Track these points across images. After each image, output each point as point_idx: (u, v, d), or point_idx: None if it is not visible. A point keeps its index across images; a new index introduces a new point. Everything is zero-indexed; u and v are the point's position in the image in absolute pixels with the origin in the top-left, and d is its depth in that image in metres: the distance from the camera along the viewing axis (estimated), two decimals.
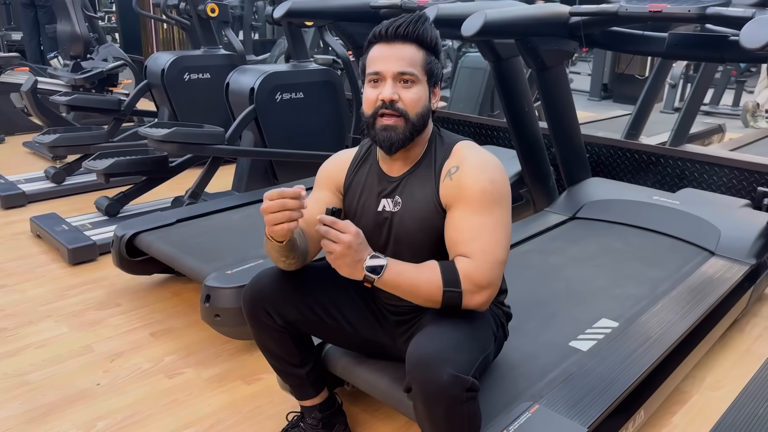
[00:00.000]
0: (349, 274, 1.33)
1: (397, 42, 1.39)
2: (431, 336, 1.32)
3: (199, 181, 3.42)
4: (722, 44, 2.47)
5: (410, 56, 1.39)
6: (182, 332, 2.41)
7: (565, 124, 2.91)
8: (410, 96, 1.40)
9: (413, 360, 1.28)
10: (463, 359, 1.29)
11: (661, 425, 1.92)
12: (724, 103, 7.01)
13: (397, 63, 1.38)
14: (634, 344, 1.85)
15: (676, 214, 2.71)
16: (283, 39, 7.27)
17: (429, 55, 1.42)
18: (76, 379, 2.10)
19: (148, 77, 4.33)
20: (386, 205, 1.51)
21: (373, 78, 1.42)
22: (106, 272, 2.88)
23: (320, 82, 3.74)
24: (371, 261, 1.33)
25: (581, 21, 2.52)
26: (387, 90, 1.39)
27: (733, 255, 2.45)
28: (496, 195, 1.40)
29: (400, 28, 1.39)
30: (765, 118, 5.93)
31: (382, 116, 1.41)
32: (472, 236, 1.37)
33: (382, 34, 1.41)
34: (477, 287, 1.36)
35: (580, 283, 2.25)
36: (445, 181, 1.44)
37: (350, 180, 1.58)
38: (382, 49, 1.40)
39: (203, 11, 4.26)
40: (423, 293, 1.37)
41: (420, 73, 1.41)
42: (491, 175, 1.40)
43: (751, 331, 2.46)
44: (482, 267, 1.36)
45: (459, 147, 1.48)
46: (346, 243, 1.28)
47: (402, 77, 1.39)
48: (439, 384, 1.23)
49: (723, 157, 3.20)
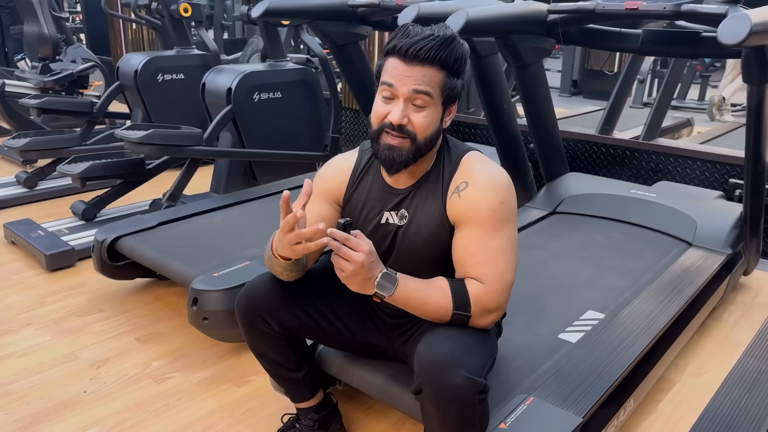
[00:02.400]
0: (359, 290, 1.30)
1: (415, 63, 1.31)
2: (443, 339, 1.32)
3: (177, 183, 3.38)
4: (694, 40, 2.53)
5: (428, 78, 1.32)
6: (168, 336, 2.38)
7: (543, 120, 2.95)
8: (420, 120, 1.34)
9: (426, 363, 1.27)
10: (475, 362, 1.30)
11: (648, 413, 1.96)
12: (690, 97, 7.17)
13: (412, 82, 1.31)
14: (621, 335, 1.89)
15: (653, 206, 2.77)
16: (256, 38, 7.22)
17: (449, 77, 1.34)
18: (61, 388, 2.06)
19: (120, 78, 4.25)
20: (390, 218, 1.48)
21: (385, 90, 1.35)
22: (86, 278, 2.83)
23: (298, 81, 3.72)
24: (383, 280, 1.30)
25: (559, 18, 2.56)
26: (396, 113, 1.33)
27: (710, 245, 2.52)
28: (507, 214, 1.38)
29: (421, 52, 1.30)
30: (730, 112, 6.07)
31: (387, 134, 1.36)
32: (485, 260, 1.36)
33: (401, 51, 1.31)
34: (486, 312, 1.37)
35: (565, 276, 2.29)
36: (453, 197, 1.41)
37: (351, 192, 1.53)
38: (400, 66, 1.32)
39: (176, 11, 4.21)
40: (431, 313, 1.36)
41: (436, 95, 1.34)
42: (501, 195, 1.38)
43: (727, 319, 2.53)
44: (494, 293, 1.36)
45: (467, 160, 1.45)
46: (359, 263, 1.25)
47: (416, 98, 1.33)
48: (453, 386, 1.23)
49: (695, 151, 3.28)
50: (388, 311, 1.60)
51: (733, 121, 5.85)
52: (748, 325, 2.48)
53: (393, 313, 1.59)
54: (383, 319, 1.62)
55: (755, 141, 2.27)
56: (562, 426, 1.46)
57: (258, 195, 3.16)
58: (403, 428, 1.89)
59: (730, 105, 6.10)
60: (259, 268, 2.27)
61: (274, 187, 3.29)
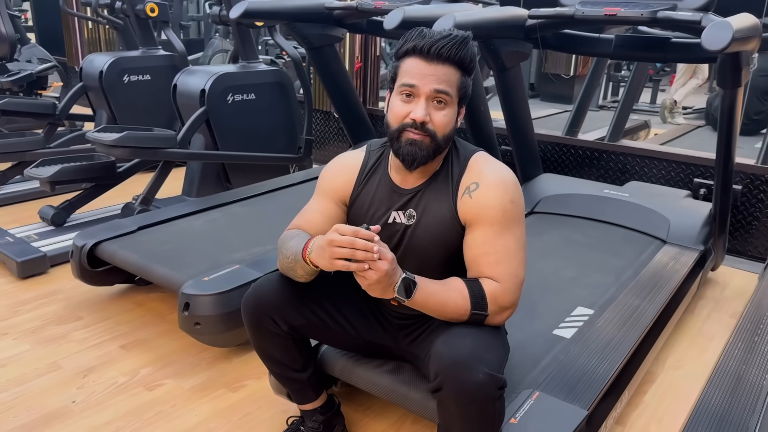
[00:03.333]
0: (379, 296, 1.31)
1: (436, 61, 1.35)
2: (462, 337, 1.34)
3: (150, 186, 3.31)
4: (665, 45, 2.64)
5: (448, 77, 1.36)
6: (154, 343, 2.33)
7: (521, 123, 3.02)
8: (441, 118, 1.37)
9: (448, 360, 1.29)
10: (494, 358, 1.33)
11: (636, 404, 2.03)
12: (643, 100, 7.43)
13: (435, 82, 1.35)
14: (612, 330, 1.96)
15: (627, 206, 2.87)
16: (216, 39, 7.12)
17: (465, 77, 1.39)
18: (48, 398, 2.00)
19: (84, 80, 4.13)
20: (397, 218, 1.49)
21: (406, 91, 1.37)
22: (60, 285, 2.74)
23: (271, 83, 3.69)
24: (403, 284, 1.31)
25: (537, 23, 2.62)
26: (419, 110, 1.36)
27: (684, 242, 2.63)
28: (517, 214, 1.42)
29: (443, 50, 1.34)
30: (681, 115, 6.33)
31: (408, 131, 1.38)
32: (499, 259, 1.39)
33: (423, 50, 1.35)
34: (502, 309, 1.40)
35: (551, 274, 2.35)
36: (464, 198, 1.43)
37: (358, 192, 1.54)
38: (421, 65, 1.35)
39: (142, 11, 4.11)
40: (450, 313, 1.39)
41: (454, 94, 1.38)
42: (511, 195, 1.41)
43: (700, 313, 2.65)
44: (508, 291, 1.40)
45: (475, 160, 1.47)
46: (384, 271, 1.25)
47: (437, 96, 1.36)
48: (476, 383, 1.26)
49: (661, 152, 3.41)
50: (394, 312, 1.61)
51: (685, 123, 6.10)
52: (718, 318, 2.60)
53: (399, 314, 1.61)
54: (389, 319, 1.63)
55: (726, 142, 2.38)
56: (569, 419, 1.51)
57: (236, 198, 3.12)
58: (403, 428, 1.91)
59: (681, 108, 6.36)
60: (248, 272, 2.25)
61: (252, 190, 3.26)
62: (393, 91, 1.41)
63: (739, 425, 1.53)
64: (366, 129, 3.83)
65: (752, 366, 1.78)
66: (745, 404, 1.61)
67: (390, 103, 1.42)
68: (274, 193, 3.27)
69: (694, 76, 6.41)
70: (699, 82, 6.46)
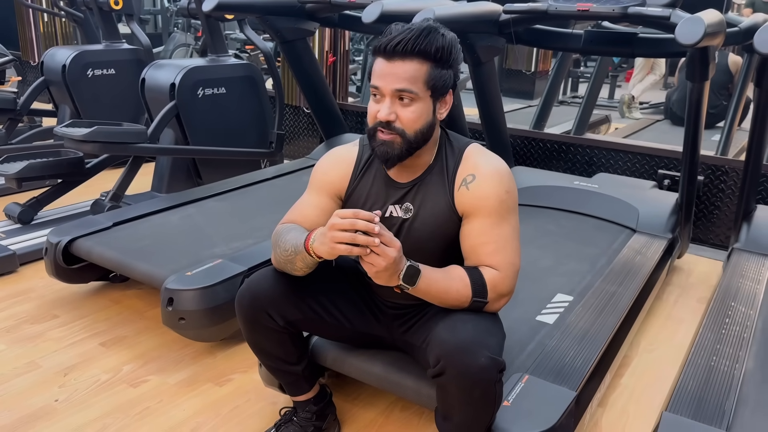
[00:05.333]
0: (385, 283, 1.33)
1: (396, 59, 1.33)
2: (463, 323, 1.37)
3: (121, 182, 3.25)
4: (632, 40, 2.73)
5: (410, 73, 1.34)
6: (134, 340, 2.30)
7: (494, 116, 3.08)
8: (408, 115, 1.37)
9: (450, 346, 1.32)
10: (495, 342, 1.37)
11: (614, 386, 2.11)
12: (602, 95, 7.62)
13: (395, 81, 1.34)
14: (591, 315, 2.02)
15: (597, 197, 2.96)
16: (177, 33, 7.01)
17: (435, 67, 1.36)
18: (29, 398, 1.95)
19: (45, 74, 4.02)
20: (394, 212, 1.51)
21: (374, 92, 1.38)
22: (32, 283, 2.67)
23: (242, 77, 3.66)
24: (408, 272, 1.33)
25: (511, 18, 2.68)
26: (383, 110, 1.36)
27: (653, 231, 2.73)
28: (512, 203, 1.45)
29: (399, 46, 1.32)
30: (639, 109, 6.52)
31: (380, 131, 1.39)
32: (497, 248, 1.42)
33: (382, 49, 1.34)
34: (500, 296, 1.44)
35: (530, 263, 2.40)
36: (461, 189, 1.45)
37: (354, 186, 1.55)
38: (382, 65, 1.35)
39: (106, 3, 4.02)
40: (451, 301, 1.41)
41: (421, 89, 1.35)
42: (507, 186, 1.44)
43: (668, 299, 2.75)
44: (507, 278, 1.43)
45: (470, 152, 1.49)
46: (392, 258, 1.26)
47: (400, 94, 1.35)
48: (479, 367, 1.29)
49: (627, 144, 3.53)
50: (389, 303, 1.64)
51: (643, 117, 6.29)
52: (686, 303, 2.71)
53: (394, 304, 1.63)
54: (384, 309, 1.65)
55: (693, 134, 2.48)
56: (560, 400, 1.56)
57: (210, 193, 3.09)
58: (392, 416, 1.94)
59: (639, 103, 6.56)
60: (231, 266, 2.24)
61: (225, 185, 3.23)
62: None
63: (718, 402, 1.60)
64: (338, 123, 3.83)
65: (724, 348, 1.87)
66: (721, 383, 1.69)
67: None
68: (247, 188, 3.24)
69: (652, 72, 6.61)
70: (656, 78, 6.67)
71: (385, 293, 1.59)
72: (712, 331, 1.96)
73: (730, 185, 3.21)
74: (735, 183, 3.17)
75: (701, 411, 1.56)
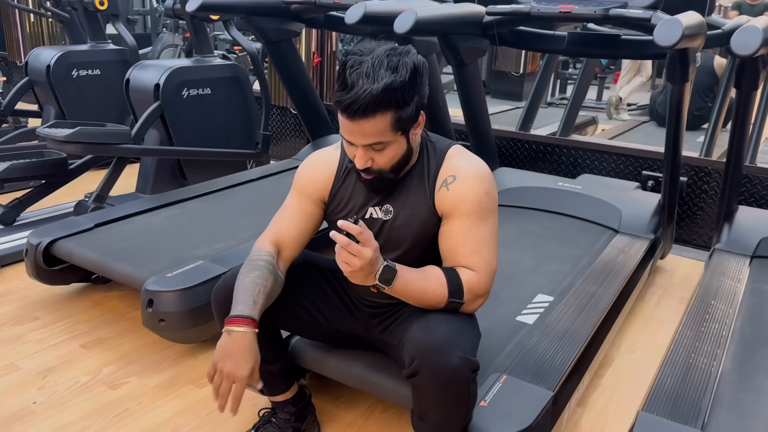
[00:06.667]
0: (361, 283, 1.33)
1: (358, 118, 1.28)
2: (437, 323, 1.37)
3: (104, 183, 3.23)
4: (615, 42, 2.74)
5: (377, 128, 1.31)
6: (115, 342, 2.29)
7: (478, 117, 3.08)
8: (383, 158, 1.38)
9: (424, 346, 1.32)
10: (468, 343, 1.37)
11: (595, 386, 2.12)
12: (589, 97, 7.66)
13: (363, 138, 1.33)
14: (571, 315, 2.03)
15: (580, 198, 2.97)
16: (165, 33, 6.98)
17: (399, 110, 1.30)
18: (7, 400, 1.94)
19: (30, 74, 4.00)
20: (374, 213, 1.51)
21: (346, 138, 1.37)
22: (12, 285, 2.66)
23: (227, 77, 3.66)
24: (384, 272, 1.33)
25: (494, 20, 2.69)
26: (359, 160, 1.37)
27: (635, 232, 2.75)
28: (491, 205, 1.46)
29: (359, 110, 1.26)
30: (626, 111, 6.56)
31: (360, 172, 1.41)
32: (474, 249, 1.43)
33: (342, 108, 1.29)
34: (476, 297, 1.45)
35: (512, 264, 2.41)
36: (441, 190, 1.45)
37: (336, 190, 1.55)
38: (347, 123, 1.31)
39: (91, 3, 4.00)
40: (427, 301, 1.41)
41: (390, 135, 1.33)
42: (486, 188, 1.45)
43: (651, 299, 2.76)
44: (483, 279, 1.44)
45: (451, 154, 1.49)
46: (367, 258, 1.27)
47: (372, 146, 1.35)
48: (451, 367, 1.29)
49: (611, 146, 3.54)
50: (366, 302, 1.64)
51: (630, 119, 6.32)
52: (668, 304, 2.72)
53: (371, 303, 1.63)
54: (361, 308, 1.65)
55: (674, 135, 2.50)
56: (536, 399, 1.57)
57: (194, 194, 3.08)
58: (372, 417, 1.94)
59: (626, 104, 6.59)
60: (213, 267, 2.23)
61: (209, 186, 3.22)
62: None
63: (694, 402, 1.61)
64: (324, 124, 3.83)
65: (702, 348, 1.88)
66: (698, 383, 1.70)
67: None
68: (232, 189, 3.24)
69: (639, 74, 6.65)
70: (643, 79, 6.70)
71: (362, 291, 1.59)
72: (691, 330, 1.98)
73: (713, 186, 3.23)
74: (718, 184, 3.19)
75: (677, 410, 1.57)
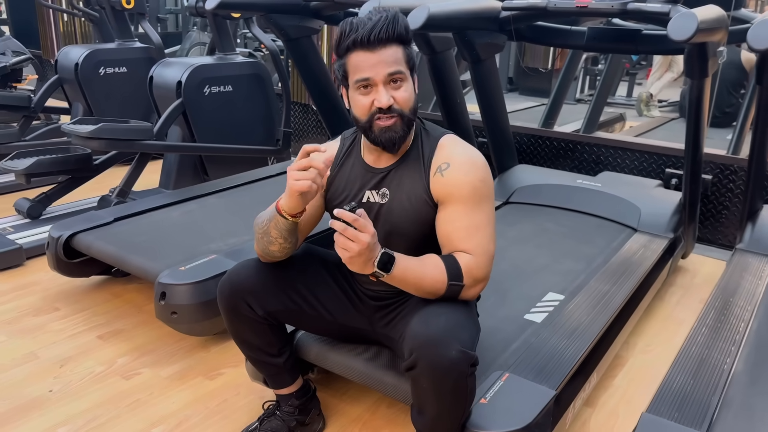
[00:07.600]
0: (359, 270, 1.34)
1: (379, 47, 1.38)
2: (436, 316, 1.38)
3: (127, 178, 3.31)
4: (636, 37, 2.69)
5: (395, 56, 1.40)
6: (131, 333, 2.34)
7: (496, 114, 3.06)
8: (403, 95, 1.42)
9: (422, 339, 1.33)
10: (467, 336, 1.37)
11: (605, 387, 2.09)
12: (619, 94, 7.52)
13: (386, 66, 1.38)
14: (581, 314, 2.00)
15: (599, 195, 2.93)
16: (194, 32, 7.08)
17: (407, 48, 1.44)
18: (25, 388, 2.00)
19: (59, 72, 4.10)
20: (371, 197, 1.53)
21: (362, 84, 1.41)
22: (37, 277, 2.74)
23: (249, 75, 3.70)
24: (383, 259, 1.34)
25: (511, 15, 2.66)
26: (382, 97, 1.40)
27: (654, 230, 2.69)
28: (486, 192, 1.47)
29: (381, 33, 1.37)
30: (657, 107, 6.42)
31: (379, 119, 1.42)
32: (470, 234, 1.44)
33: (363, 41, 1.37)
34: (476, 281, 1.45)
35: (525, 262, 2.39)
36: (436, 176, 1.47)
37: (334, 175, 1.59)
38: (366, 56, 1.38)
39: (118, 2, 4.09)
40: (427, 287, 1.42)
41: (405, 68, 1.42)
42: (481, 174, 1.47)
43: (670, 299, 2.71)
44: (482, 263, 1.45)
45: (445, 142, 1.51)
46: (365, 243, 1.29)
47: (392, 77, 1.40)
48: (449, 360, 1.29)
49: (634, 143, 3.48)
50: (370, 294, 1.65)
51: (660, 116, 6.19)
52: (688, 304, 2.67)
53: (375, 296, 1.64)
54: (365, 301, 1.66)
55: (695, 132, 2.44)
56: (537, 398, 1.55)
57: (213, 189, 3.13)
58: (378, 412, 1.94)
59: (657, 101, 6.45)
60: (225, 261, 2.26)
61: (229, 182, 3.27)
62: (349, 87, 1.44)
63: (701, 404, 1.58)
64: (344, 121, 3.84)
65: (715, 349, 1.84)
66: (707, 384, 1.66)
67: (351, 99, 1.45)
68: (251, 185, 3.28)
69: (669, 70, 6.49)
70: (674, 75, 6.55)
71: (365, 281, 1.60)
72: (704, 331, 1.93)
73: (739, 185, 3.15)
74: (744, 182, 3.11)
75: (683, 412, 1.54)
